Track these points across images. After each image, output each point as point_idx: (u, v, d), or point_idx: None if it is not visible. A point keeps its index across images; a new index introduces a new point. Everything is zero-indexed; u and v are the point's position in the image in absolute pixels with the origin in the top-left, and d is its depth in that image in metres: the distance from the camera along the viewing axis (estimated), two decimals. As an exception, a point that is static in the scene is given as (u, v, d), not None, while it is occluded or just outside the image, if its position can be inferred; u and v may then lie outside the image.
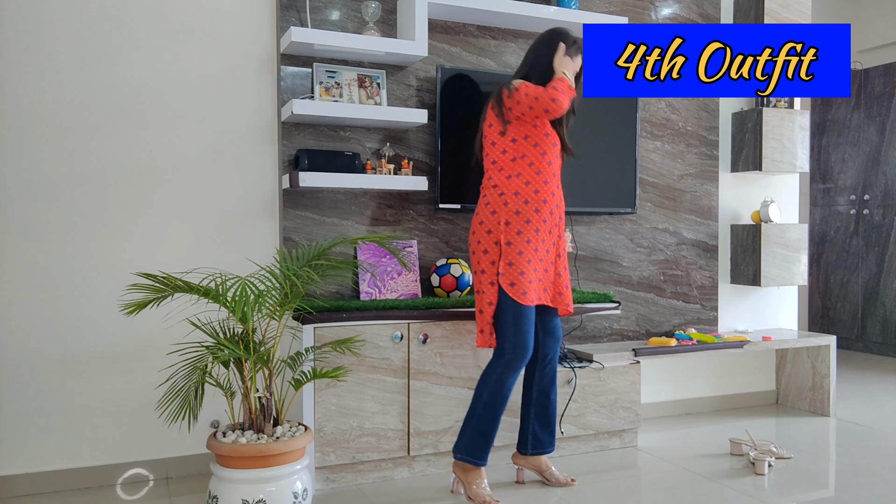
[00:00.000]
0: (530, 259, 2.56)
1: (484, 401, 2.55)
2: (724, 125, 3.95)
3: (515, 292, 2.52)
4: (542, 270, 2.62)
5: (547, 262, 2.64)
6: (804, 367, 3.95)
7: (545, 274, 2.64)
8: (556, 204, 2.64)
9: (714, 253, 3.93)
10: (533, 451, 2.77)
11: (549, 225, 2.61)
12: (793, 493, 2.73)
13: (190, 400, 2.28)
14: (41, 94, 2.72)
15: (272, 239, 3.04)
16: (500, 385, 2.55)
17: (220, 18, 2.95)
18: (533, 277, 2.56)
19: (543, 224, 2.59)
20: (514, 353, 2.54)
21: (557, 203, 2.65)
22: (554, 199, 2.63)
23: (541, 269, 2.61)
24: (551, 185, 2.61)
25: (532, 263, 2.56)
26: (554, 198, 2.63)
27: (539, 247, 2.59)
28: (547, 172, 2.60)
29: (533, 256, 2.57)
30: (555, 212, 2.63)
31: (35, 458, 2.73)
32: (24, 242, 2.71)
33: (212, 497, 2.31)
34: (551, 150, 2.62)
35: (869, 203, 5.58)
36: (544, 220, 2.59)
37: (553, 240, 2.65)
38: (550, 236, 2.63)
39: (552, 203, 2.62)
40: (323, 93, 2.97)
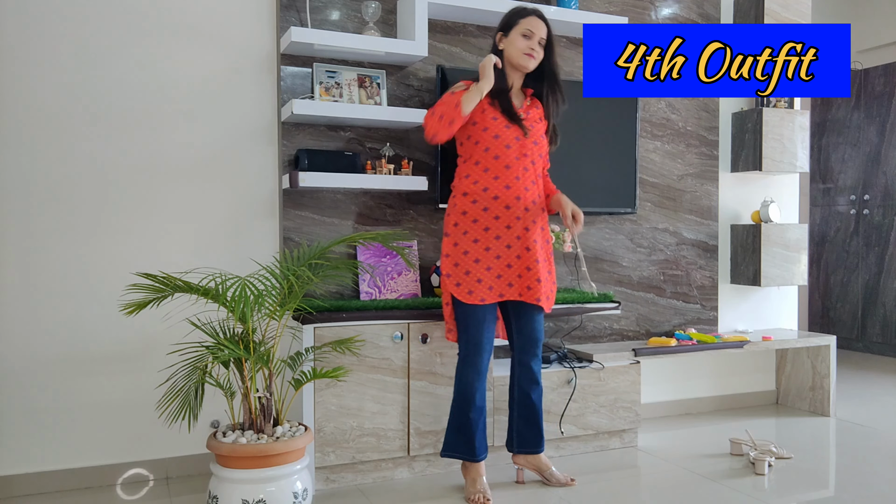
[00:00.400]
0: (479, 258, 2.56)
1: (454, 397, 2.65)
2: (724, 125, 3.95)
3: (461, 292, 2.57)
4: (503, 266, 2.59)
5: (509, 258, 2.59)
6: (804, 367, 3.95)
7: (507, 269, 2.60)
8: (514, 197, 2.58)
9: (714, 253, 3.93)
10: (519, 448, 2.76)
11: (504, 220, 2.58)
12: (793, 493, 2.73)
13: (190, 400, 2.28)
14: (41, 94, 2.72)
15: (272, 239, 3.04)
16: (460, 381, 2.62)
17: (220, 18, 2.95)
18: (484, 276, 2.56)
19: (495, 221, 2.57)
20: (466, 349, 2.60)
21: (517, 195, 2.58)
22: (509, 192, 2.57)
23: (498, 266, 2.59)
24: (504, 180, 2.57)
25: (482, 262, 2.57)
26: (509, 191, 2.57)
27: (492, 245, 2.57)
28: (496, 168, 2.57)
29: (483, 255, 2.57)
30: (514, 206, 2.58)
31: (35, 458, 2.73)
32: (24, 242, 2.71)
33: (212, 497, 2.31)
34: (505, 152, 2.57)
35: (869, 203, 5.58)
36: (496, 217, 2.57)
37: (515, 234, 2.59)
38: (510, 231, 2.58)
39: (507, 198, 2.57)
40: (323, 93, 2.97)
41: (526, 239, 2.60)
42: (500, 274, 2.58)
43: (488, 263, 2.57)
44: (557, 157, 3.17)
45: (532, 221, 2.61)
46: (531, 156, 2.62)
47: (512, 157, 2.58)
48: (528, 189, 2.60)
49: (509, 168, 2.57)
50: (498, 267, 2.58)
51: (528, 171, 2.60)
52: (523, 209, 2.59)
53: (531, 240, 2.60)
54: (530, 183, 2.61)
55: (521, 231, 2.59)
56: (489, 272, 2.57)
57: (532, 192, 2.62)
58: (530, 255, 2.60)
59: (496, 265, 2.58)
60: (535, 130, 2.63)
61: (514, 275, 2.60)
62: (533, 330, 2.70)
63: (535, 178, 2.65)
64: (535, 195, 2.63)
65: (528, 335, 2.69)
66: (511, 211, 2.58)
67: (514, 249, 2.60)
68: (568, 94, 2.78)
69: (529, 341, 2.70)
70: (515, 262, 2.60)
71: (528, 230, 2.60)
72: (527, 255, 2.60)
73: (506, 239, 2.58)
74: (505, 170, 2.57)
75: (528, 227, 2.60)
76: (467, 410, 2.61)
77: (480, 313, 2.58)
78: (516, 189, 2.58)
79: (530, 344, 2.70)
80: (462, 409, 2.62)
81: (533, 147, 2.62)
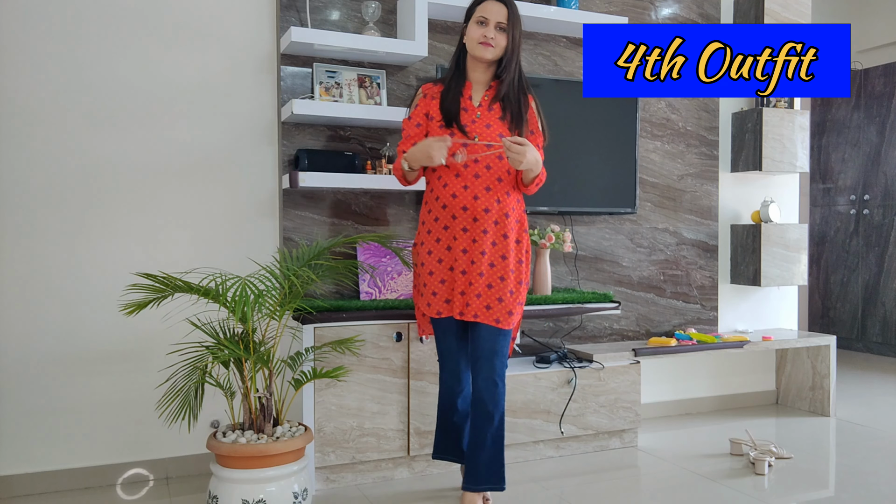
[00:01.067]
0: (433, 270, 2.44)
1: (438, 400, 2.63)
2: (724, 125, 3.95)
3: (422, 303, 2.50)
4: (450, 280, 2.43)
5: (456, 273, 2.40)
6: (804, 367, 3.95)
7: (442, 286, 2.44)
8: (461, 206, 2.37)
9: (714, 253, 3.93)
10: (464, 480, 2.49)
11: (452, 231, 2.40)
12: (793, 493, 2.73)
13: (190, 400, 2.28)
14: (41, 94, 2.72)
15: (272, 239, 3.04)
16: (441, 385, 2.59)
17: (220, 18, 2.95)
18: (439, 289, 2.44)
19: (444, 231, 2.41)
20: (441, 355, 2.56)
21: (464, 205, 2.37)
22: (456, 202, 2.37)
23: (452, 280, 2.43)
24: (451, 188, 2.38)
25: (436, 275, 2.44)
26: (456, 201, 2.37)
27: (444, 256, 2.43)
28: (446, 176, 2.39)
29: (436, 267, 2.44)
30: (460, 216, 2.38)
31: (35, 458, 2.73)
32: (24, 242, 2.71)
33: (212, 497, 2.31)
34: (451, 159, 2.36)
35: (869, 203, 5.58)
36: (445, 227, 2.41)
37: (461, 246, 2.38)
38: (457, 243, 2.39)
39: (453, 208, 2.38)
40: (323, 93, 2.97)
41: (472, 252, 2.38)
42: (436, 291, 2.44)
43: (442, 276, 2.44)
44: (557, 156, 3.17)
45: (482, 232, 2.36)
46: (483, 161, 2.37)
47: (460, 165, 2.38)
48: (479, 198, 2.36)
49: (458, 176, 2.38)
50: (452, 281, 2.43)
51: (480, 178, 2.37)
52: (471, 219, 2.37)
53: (477, 252, 2.36)
54: (483, 190, 2.37)
55: (468, 243, 2.38)
56: (444, 286, 2.44)
57: (484, 201, 2.36)
58: (475, 268, 2.37)
59: (450, 278, 2.43)
60: (490, 131, 2.38)
61: (455, 290, 2.41)
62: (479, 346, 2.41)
63: (493, 185, 2.38)
64: (487, 203, 2.36)
65: (475, 353, 2.43)
66: (457, 221, 2.39)
67: (459, 263, 2.40)
68: (568, 94, 2.77)
69: (481, 360, 2.41)
70: (460, 277, 2.40)
71: (475, 242, 2.37)
72: (471, 270, 2.38)
73: (455, 252, 2.41)
74: (454, 178, 2.39)
75: (477, 238, 2.37)
76: (451, 415, 2.58)
77: (444, 324, 2.49)
78: (463, 198, 2.37)
79: (481, 364, 2.41)
80: (446, 412, 2.59)
81: (498, 162, 2.39)
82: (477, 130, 2.37)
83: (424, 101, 2.46)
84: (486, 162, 2.37)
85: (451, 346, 2.51)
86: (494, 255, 2.38)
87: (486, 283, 2.37)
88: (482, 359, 2.40)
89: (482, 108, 2.41)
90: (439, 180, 2.40)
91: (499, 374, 2.40)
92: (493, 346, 2.40)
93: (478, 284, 2.37)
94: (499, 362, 2.40)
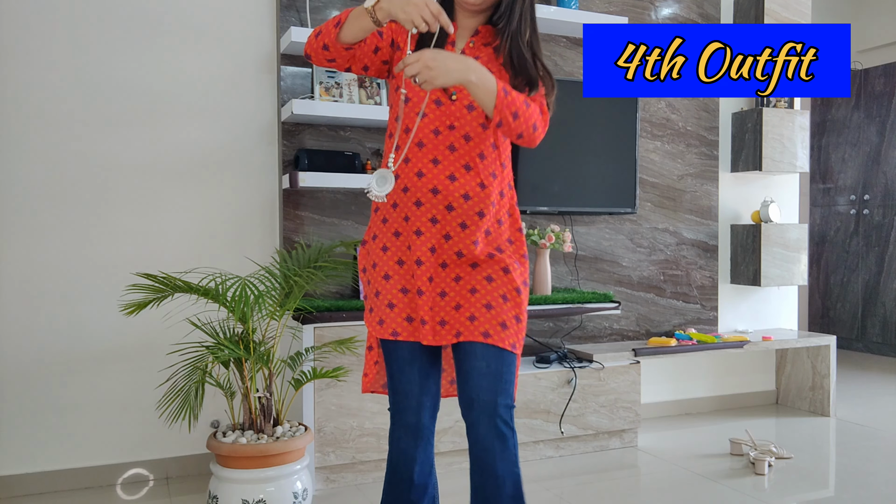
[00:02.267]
0: (389, 273, 1.69)
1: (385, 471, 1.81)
2: (724, 125, 3.95)
3: (371, 321, 1.73)
4: (414, 292, 1.68)
5: (418, 279, 1.66)
6: (804, 367, 3.95)
7: (412, 297, 1.68)
8: (429, 189, 1.64)
9: (714, 253, 3.93)
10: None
11: (414, 223, 1.66)
12: (793, 493, 2.73)
13: (190, 400, 2.28)
14: (41, 94, 2.72)
15: (272, 239, 3.04)
16: (391, 448, 1.76)
17: (220, 18, 2.95)
18: (398, 300, 1.69)
19: (405, 223, 1.67)
20: (394, 402, 1.76)
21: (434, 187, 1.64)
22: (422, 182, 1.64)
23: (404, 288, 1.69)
24: (416, 164, 1.65)
25: (394, 281, 1.69)
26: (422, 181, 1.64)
27: (405, 256, 1.68)
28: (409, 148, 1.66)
29: (394, 270, 1.69)
30: (427, 203, 1.64)
31: (35, 458, 2.73)
32: (24, 242, 2.71)
33: (212, 497, 2.31)
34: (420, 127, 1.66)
35: (869, 203, 5.58)
36: (406, 218, 1.67)
37: (428, 244, 1.66)
38: (420, 240, 1.65)
39: (418, 191, 1.65)
40: (323, 93, 2.97)
41: (442, 251, 1.66)
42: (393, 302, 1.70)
43: (402, 283, 1.69)
44: (557, 156, 3.17)
45: (459, 226, 1.65)
46: (461, 129, 1.65)
47: (427, 131, 1.65)
48: (456, 178, 1.64)
49: (422, 146, 1.65)
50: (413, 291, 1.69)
51: (456, 150, 1.64)
52: (443, 208, 1.64)
53: (451, 253, 1.66)
54: (461, 169, 1.64)
55: (438, 240, 1.66)
56: (405, 296, 1.69)
57: (463, 185, 1.64)
58: (446, 273, 1.67)
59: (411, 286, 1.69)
60: None
61: (423, 304, 1.67)
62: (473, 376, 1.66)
63: (474, 163, 1.65)
64: (468, 189, 1.64)
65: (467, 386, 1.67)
66: (423, 210, 1.65)
67: (425, 268, 1.66)
68: (568, 94, 2.77)
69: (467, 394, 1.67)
70: (427, 285, 1.66)
71: (448, 238, 1.66)
72: (441, 275, 1.67)
73: (417, 250, 1.66)
74: (417, 149, 1.65)
75: (451, 233, 1.65)
76: (403, 490, 1.74)
77: (402, 351, 1.71)
78: (432, 177, 1.64)
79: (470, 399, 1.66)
80: (395, 487, 1.76)
81: (465, 115, 1.65)
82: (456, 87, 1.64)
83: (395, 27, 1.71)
84: (466, 130, 1.65)
85: (411, 385, 1.72)
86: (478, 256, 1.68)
87: (467, 287, 1.67)
88: (478, 401, 1.64)
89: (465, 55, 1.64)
90: (398, 151, 1.67)
91: (504, 418, 1.64)
92: (493, 379, 1.65)
93: (453, 293, 1.67)
94: (503, 402, 1.65)
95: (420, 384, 1.73)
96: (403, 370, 1.72)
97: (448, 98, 1.65)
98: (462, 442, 2.89)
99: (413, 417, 1.73)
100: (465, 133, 1.66)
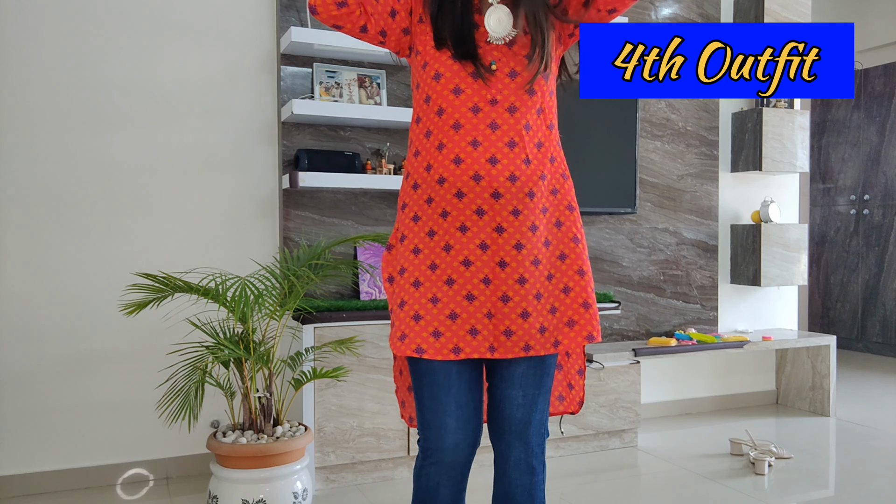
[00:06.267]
0: (419, 280, 1.45)
1: None
2: (724, 125, 3.95)
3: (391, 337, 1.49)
4: (460, 298, 1.43)
5: (470, 283, 1.43)
6: (804, 367, 3.95)
7: (467, 304, 1.42)
8: (470, 175, 1.42)
9: (714, 253, 3.93)
10: None
11: (456, 218, 1.43)
12: (793, 493, 2.73)
13: (190, 400, 2.28)
14: (41, 94, 2.72)
15: (272, 239, 3.04)
16: (418, 481, 1.52)
17: (219, 18, 2.95)
18: (428, 311, 1.43)
19: (442, 220, 1.44)
20: (425, 436, 1.50)
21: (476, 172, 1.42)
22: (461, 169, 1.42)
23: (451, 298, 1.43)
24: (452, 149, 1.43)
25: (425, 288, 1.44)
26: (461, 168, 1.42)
27: (441, 260, 1.44)
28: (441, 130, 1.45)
29: (427, 276, 1.44)
30: (470, 192, 1.42)
31: (35, 458, 2.73)
32: (24, 242, 2.71)
33: (212, 497, 2.31)
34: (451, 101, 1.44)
35: (869, 203, 5.58)
36: (443, 214, 1.44)
37: (477, 240, 1.43)
38: (467, 236, 1.43)
39: (458, 179, 1.42)
40: (323, 93, 2.97)
41: (499, 247, 1.43)
42: (454, 311, 1.43)
43: (434, 291, 1.44)
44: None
45: (511, 213, 1.43)
46: (505, 101, 1.44)
47: (464, 109, 1.43)
48: (499, 160, 1.42)
49: (460, 128, 1.43)
50: (451, 299, 1.43)
51: (498, 129, 1.43)
52: (489, 195, 1.42)
53: (508, 247, 1.43)
54: (504, 148, 1.42)
55: (489, 234, 1.43)
56: (436, 306, 1.43)
57: (507, 166, 1.42)
58: (507, 274, 1.43)
59: (448, 296, 1.43)
60: (513, 52, 1.46)
61: (480, 313, 1.42)
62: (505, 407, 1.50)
63: (519, 137, 1.44)
64: (513, 169, 1.43)
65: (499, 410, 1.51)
66: (467, 200, 1.42)
67: (476, 268, 1.43)
68: (568, 94, 2.76)
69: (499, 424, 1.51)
70: (481, 289, 1.43)
71: (502, 231, 1.43)
72: (501, 277, 1.43)
73: (462, 250, 1.43)
74: (453, 131, 1.43)
75: (503, 224, 1.43)
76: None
77: (434, 371, 1.45)
78: (473, 161, 1.42)
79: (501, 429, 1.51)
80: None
81: (508, 84, 1.45)
82: (494, 53, 1.45)
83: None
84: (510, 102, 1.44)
85: (447, 417, 1.45)
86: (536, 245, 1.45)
87: (532, 292, 1.44)
88: (511, 433, 1.49)
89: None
90: (429, 137, 1.46)
91: (535, 452, 1.51)
92: (528, 409, 1.49)
93: (520, 298, 1.43)
94: (535, 433, 1.50)
95: (457, 416, 1.46)
96: (438, 398, 1.46)
97: (487, 69, 1.44)
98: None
99: (449, 456, 1.47)
100: (510, 105, 1.44)
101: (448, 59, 1.45)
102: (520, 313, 1.43)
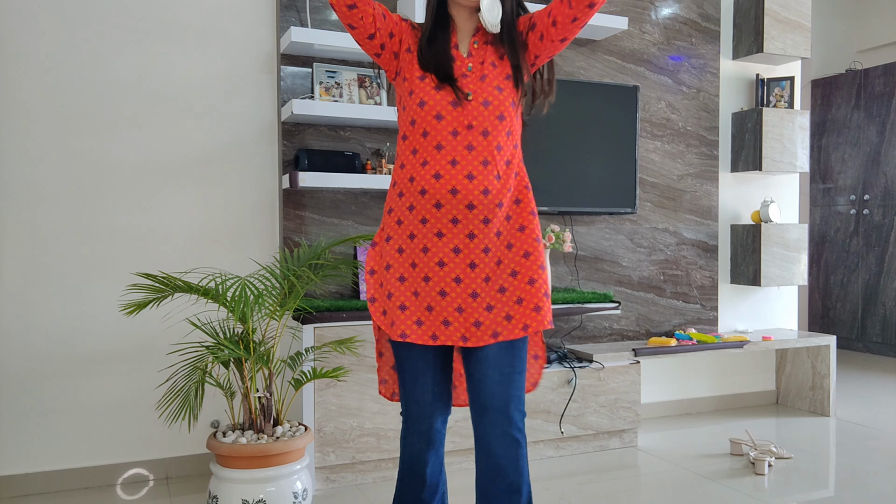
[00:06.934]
0: (404, 276, 1.72)
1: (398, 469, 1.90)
2: (724, 125, 3.95)
3: (385, 322, 1.75)
4: (434, 294, 1.70)
5: (443, 282, 1.70)
6: (804, 367, 3.96)
7: (440, 299, 1.70)
8: (448, 189, 1.67)
9: (714, 253, 3.93)
10: None
11: (433, 225, 1.70)
12: (793, 493, 2.73)
13: (190, 400, 2.28)
14: (41, 94, 2.72)
15: (272, 239, 3.04)
16: (403, 450, 1.85)
17: (220, 18, 2.95)
18: (411, 303, 1.72)
19: (422, 226, 1.70)
20: (406, 408, 1.82)
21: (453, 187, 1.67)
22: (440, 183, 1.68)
23: (427, 293, 1.71)
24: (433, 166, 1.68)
25: (408, 283, 1.72)
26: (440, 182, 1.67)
27: (419, 260, 1.71)
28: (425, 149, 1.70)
29: (410, 273, 1.72)
30: (447, 204, 1.67)
31: (35, 458, 2.73)
32: (25, 242, 2.71)
33: (212, 497, 2.31)
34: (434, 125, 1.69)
35: (869, 203, 5.58)
36: (423, 221, 1.70)
37: (451, 245, 1.70)
38: (442, 241, 1.69)
39: (437, 192, 1.68)
40: (323, 93, 2.97)
41: (470, 251, 1.70)
42: (430, 304, 1.71)
43: (415, 286, 1.72)
44: (557, 156, 3.17)
45: (482, 222, 1.69)
46: (480, 126, 1.69)
47: (445, 133, 1.69)
48: (475, 177, 1.68)
49: (441, 148, 1.69)
50: (427, 294, 1.71)
51: (474, 150, 1.68)
52: (464, 207, 1.68)
53: (478, 251, 1.70)
54: (479, 166, 1.68)
55: (462, 240, 1.69)
56: (417, 299, 1.72)
57: (482, 181, 1.68)
58: (476, 274, 1.71)
59: (425, 291, 1.71)
60: (486, 85, 1.71)
61: (451, 307, 1.70)
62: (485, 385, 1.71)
63: (492, 156, 1.69)
64: (487, 184, 1.68)
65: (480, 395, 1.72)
66: (443, 211, 1.68)
67: (449, 269, 1.70)
68: (568, 94, 2.76)
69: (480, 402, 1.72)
70: (453, 287, 1.70)
71: (473, 237, 1.69)
72: (471, 277, 1.70)
73: (437, 253, 1.70)
74: (435, 151, 1.69)
75: (475, 232, 1.69)
76: (416, 490, 1.84)
77: (414, 356, 1.76)
78: (452, 177, 1.67)
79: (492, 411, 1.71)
80: (408, 486, 1.85)
81: (482, 112, 1.69)
82: (470, 86, 1.70)
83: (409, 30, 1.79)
84: (484, 127, 1.69)
85: (425, 394, 1.78)
86: (499, 248, 1.73)
87: (495, 287, 1.71)
88: (493, 408, 1.70)
89: (473, 58, 1.74)
90: (415, 155, 1.71)
91: (517, 426, 1.71)
92: (506, 385, 1.71)
93: (485, 293, 1.71)
94: (515, 408, 1.71)
95: (433, 392, 1.79)
96: (417, 380, 1.78)
97: (464, 98, 1.70)
98: (462, 442, 2.89)
99: (426, 424, 1.80)
100: (484, 129, 1.70)
101: (431, 90, 1.70)
102: (485, 307, 1.71)
